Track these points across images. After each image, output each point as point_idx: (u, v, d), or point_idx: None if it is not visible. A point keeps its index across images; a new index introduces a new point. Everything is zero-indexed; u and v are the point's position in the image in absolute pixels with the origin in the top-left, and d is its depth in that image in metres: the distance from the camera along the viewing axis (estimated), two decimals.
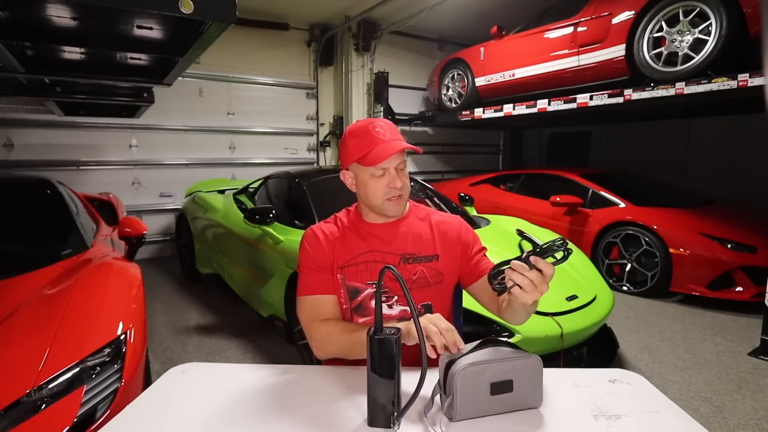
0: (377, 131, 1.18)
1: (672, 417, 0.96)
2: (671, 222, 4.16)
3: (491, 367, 0.94)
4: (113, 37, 2.23)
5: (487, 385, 0.94)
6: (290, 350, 3.05)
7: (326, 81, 7.05)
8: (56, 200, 2.71)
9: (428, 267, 1.26)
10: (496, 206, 5.46)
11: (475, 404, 0.93)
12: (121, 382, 1.50)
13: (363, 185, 1.23)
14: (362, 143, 1.19)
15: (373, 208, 1.25)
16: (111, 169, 5.58)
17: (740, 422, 2.26)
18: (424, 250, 1.27)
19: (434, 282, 1.26)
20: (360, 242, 1.27)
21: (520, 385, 0.95)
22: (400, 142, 1.18)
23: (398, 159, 1.20)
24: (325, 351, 1.19)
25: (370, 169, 1.19)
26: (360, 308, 1.26)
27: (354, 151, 1.20)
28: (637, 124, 7.10)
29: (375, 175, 1.20)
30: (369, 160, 1.16)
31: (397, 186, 1.19)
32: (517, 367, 0.96)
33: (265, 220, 3.06)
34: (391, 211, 1.24)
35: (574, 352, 2.49)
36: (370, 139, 1.18)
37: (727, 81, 3.59)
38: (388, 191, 1.20)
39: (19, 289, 1.85)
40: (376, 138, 1.18)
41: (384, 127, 1.20)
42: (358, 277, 1.24)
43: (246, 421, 0.93)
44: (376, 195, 1.21)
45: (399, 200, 1.23)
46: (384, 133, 1.19)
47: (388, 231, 1.28)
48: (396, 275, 0.90)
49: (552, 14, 5.19)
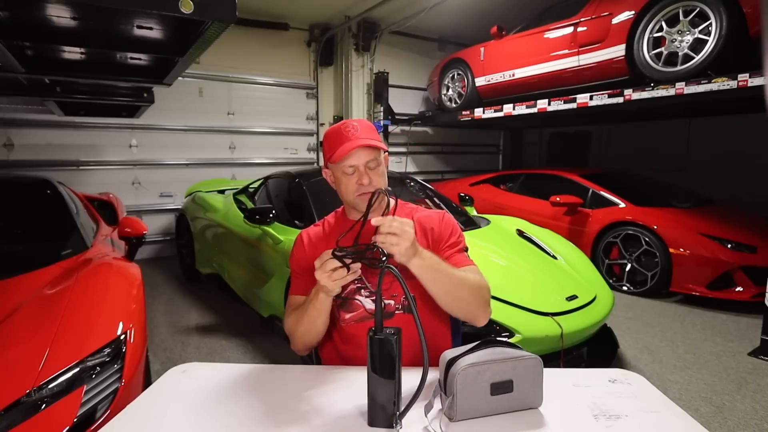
0: (348, 130, 1.21)
1: (672, 417, 0.96)
2: (671, 222, 4.16)
3: (491, 368, 0.94)
4: (113, 37, 2.23)
5: (488, 385, 0.94)
6: (290, 350, 3.03)
7: (326, 81, 7.05)
8: (56, 200, 2.70)
9: None
10: (496, 206, 5.46)
11: (476, 404, 0.93)
12: (121, 382, 1.50)
13: (337, 182, 1.27)
14: (333, 142, 1.23)
15: (349, 204, 1.30)
16: (111, 169, 5.58)
17: (740, 422, 2.26)
18: None
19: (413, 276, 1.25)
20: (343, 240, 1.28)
21: (521, 386, 0.96)
22: (364, 140, 1.20)
23: (367, 157, 1.21)
24: (295, 339, 1.25)
25: (341, 167, 1.22)
26: (345, 304, 1.27)
27: (326, 149, 1.26)
28: (637, 124, 7.10)
29: (346, 173, 1.23)
30: (334, 157, 1.20)
31: (363, 182, 1.21)
32: (517, 368, 0.96)
33: (265, 220, 3.06)
34: (362, 205, 1.24)
35: (574, 352, 2.49)
36: (340, 138, 1.21)
37: (727, 81, 3.59)
38: (357, 188, 1.23)
39: (19, 289, 1.85)
40: (345, 137, 1.21)
41: (356, 126, 1.22)
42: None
43: (246, 421, 0.93)
44: (348, 191, 1.25)
45: (368, 195, 1.22)
46: (354, 132, 1.21)
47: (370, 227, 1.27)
48: (395, 274, 0.91)
49: (552, 14, 5.19)
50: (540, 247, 3.16)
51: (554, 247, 3.20)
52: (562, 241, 3.44)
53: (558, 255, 3.10)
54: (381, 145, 1.24)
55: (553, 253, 3.11)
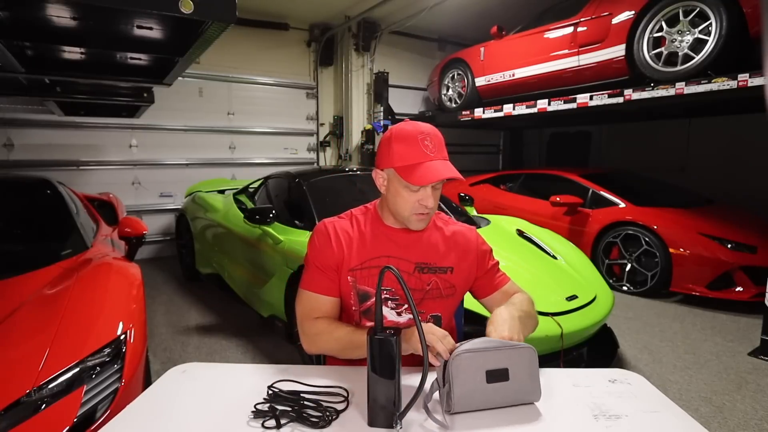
0: (426, 144, 1.12)
1: (672, 417, 0.96)
2: (671, 222, 4.16)
3: (485, 355, 0.95)
4: (113, 37, 2.23)
5: (483, 372, 0.94)
6: (290, 350, 3.05)
7: (326, 81, 7.05)
8: (56, 200, 2.70)
9: (442, 279, 1.24)
10: (496, 206, 5.46)
11: (472, 393, 0.94)
12: (121, 382, 1.50)
13: (394, 193, 1.18)
14: (408, 153, 1.13)
15: (397, 216, 1.22)
16: (111, 169, 5.58)
17: (740, 422, 2.26)
18: (439, 261, 1.25)
19: (447, 294, 1.25)
20: (375, 246, 1.23)
21: (516, 375, 0.96)
22: (446, 166, 1.13)
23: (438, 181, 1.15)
24: (315, 348, 1.20)
25: (407, 184, 1.14)
26: (369, 312, 1.23)
27: (397, 158, 1.14)
28: (637, 124, 7.10)
29: (410, 189, 1.15)
30: (412, 178, 1.11)
31: (429, 205, 1.15)
32: (512, 356, 0.97)
33: (265, 220, 3.06)
34: (415, 226, 1.21)
35: (574, 352, 2.49)
36: (418, 152, 1.12)
37: (727, 81, 3.60)
38: (417, 207, 1.16)
39: (19, 289, 1.85)
40: (423, 153, 1.12)
41: (433, 141, 1.14)
42: (370, 282, 1.22)
43: (246, 421, 0.93)
44: (405, 207, 1.17)
45: (425, 218, 1.20)
46: (432, 149, 1.13)
47: (405, 237, 1.24)
48: (396, 275, 0.89)
49: (552, 14, 5.19)
50: (540, 247, 3.16)
51: (554, 247, 3.20)
52: (562, 241, 3.44)
53: (558, 255, 3.10)
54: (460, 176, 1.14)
55: (553, 253, 3.11)
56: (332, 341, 1.17)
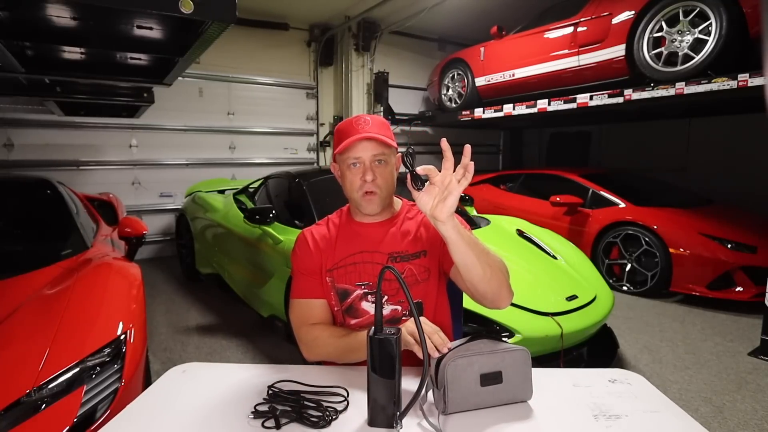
0: (359, 123, 1.18)
1: (672, 417, 0.96)
2: (671, 222, 4.16)
3: (480, 359, 0.96)
4: (113, 37, 2.22)
5: (477, 376, 0.95)
6: (290, 350, 3.05)
7: (326, 81, 7.04)
8: (56, 200, 2.70)
9: (416, 264, 1.25)
10: (496, 206, 5.46)
11: (466, 396, 0.94)
12: (121, 382, 1.50)
13: (342, 177, 1.23)
14: (342, 134, 1.19)
15: (353, 203, 1.26)
16: (111, 169, 5.58)
17: (740, 422, 2.26)
18: (412, 247, 1.25)
19: (422, 279, 1.25)
20: (349, 243, 1.26)
21: (510, 377, 0.97)
22: (372, 133, 1.16)
23: (373, 150, 1.17)
24: (314, 354, 1.21)
25: (346, 159, 1.18)
26: (351, 310, 1.25)
27: (335, 141, 1.22)
28: (637, 124, 7.10)
29: (351, 167, 1.19)
30: (340, 148, 1.17)
31: (367, 179, 1.17)
32: (506, 359, 0.97)
33: (265, 220, 3.06)
34: (365, 208, 1.22)
35: (574, 352, 2.49)
36: (349, 129, 1.18)
37: (727, 81, 3.59)
38: (361, 184, 1.19)
39: (19, 289, 1.85)
40: (354, 129, 1.17)
41: (368, 121, 1.18)
42: (347, 279, 1.24)
43: (246, 421, 0.93)
44: (352, 187, 1.21)
45: (372, 197, 1.20)
46: (364, 125, 1.17)
47: (377, 231, 1.27)
48: (396, 274, 0.90)
49: (552, 14, 5.19)
50: (540, 247, 3.16)
51: (554, 247, 3.20)
52: (562, 241, 3.44)
53: (558, 255, 3.10)
54: (390, 141, 1.18)
55: (553, 253, 3.11)
56: (330, 346, 1.17)
